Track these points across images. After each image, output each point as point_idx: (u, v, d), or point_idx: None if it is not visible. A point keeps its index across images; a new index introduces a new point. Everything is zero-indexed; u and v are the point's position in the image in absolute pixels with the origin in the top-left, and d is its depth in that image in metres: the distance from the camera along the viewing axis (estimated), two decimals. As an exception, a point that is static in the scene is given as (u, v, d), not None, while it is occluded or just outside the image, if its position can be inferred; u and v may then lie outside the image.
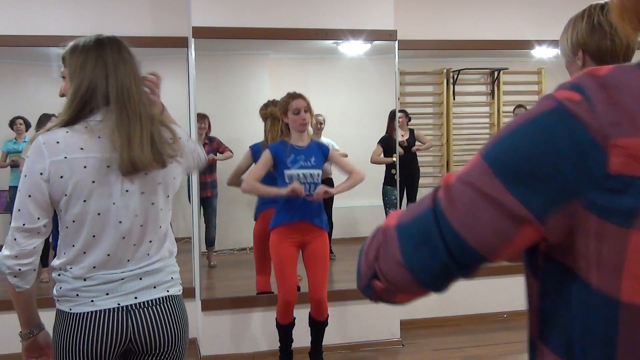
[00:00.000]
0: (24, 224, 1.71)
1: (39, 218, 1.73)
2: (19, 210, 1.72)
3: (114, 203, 1.77)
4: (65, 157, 1.71)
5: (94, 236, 1.77)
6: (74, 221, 1.77)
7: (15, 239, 1.72)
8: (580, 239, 0.76)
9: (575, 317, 0.79)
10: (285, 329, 3.80)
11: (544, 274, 0.84)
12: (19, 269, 1.74)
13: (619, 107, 0.73)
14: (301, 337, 3.87)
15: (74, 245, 1.79)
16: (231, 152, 4.84)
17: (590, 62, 1.70)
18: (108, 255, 1.79)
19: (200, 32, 4.08)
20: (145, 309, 1.82)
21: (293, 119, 3.61)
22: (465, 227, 0.78)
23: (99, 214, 1.76)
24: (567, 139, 0.73)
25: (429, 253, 0.80)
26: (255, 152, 4.00)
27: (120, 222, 1.78)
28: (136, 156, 1.71)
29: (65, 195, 1.74)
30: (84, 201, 1.75)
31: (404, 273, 0.82)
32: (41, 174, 1.71)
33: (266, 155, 3.63)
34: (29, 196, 1.71)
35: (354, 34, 4.29)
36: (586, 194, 0.74)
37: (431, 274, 0.82)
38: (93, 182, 1.74)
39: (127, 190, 1.77)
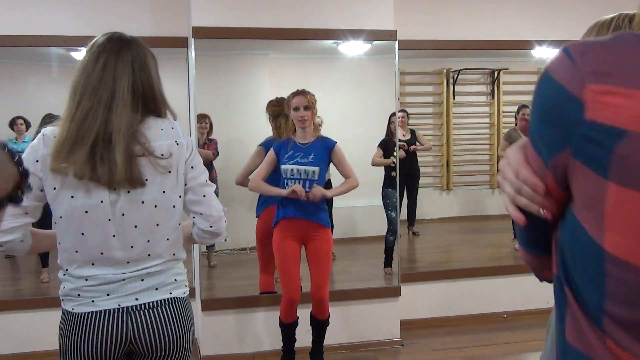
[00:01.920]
0: None
1: (27, 197, 1.73)
2: None
3: (102, 201, 1.76)
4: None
5: (82, 234, 1.77)
6: (61, 217, 1.77)
7: None
8: (572, 185, 0.84)
9: (575, 255, 0.86)
10: (288, 328, 3.80)
11: (561, 220, 0.91)
12: (2, 244, 1.77)
13: (597, 58, 0.80)
14: (302, 336, 3.87)
15: (59, 243, 1.80)
16: (213, 154, 4.82)
17: None
18: (102, 253, 1.78)
19: (200, 32, 4.08)
20: (146, 310, 1.81)
21: (293, 116, 3.67)
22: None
23: (86, 211, 1.75)
24: (552, 97, 0.83)
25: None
26: (268, 148, 4.00)
27: (109, 220, 1.77)
28: (105, 174, 1.71)
29: (55, 188, 1.75)
30: (72, 197, 1.75)
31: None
32: (37, 161, 1.75)
33: (270, 154, 3.73)
34: None
35: (354, 34, 4.29)
36: (572, 141, 0.81)
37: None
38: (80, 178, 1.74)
39: (114, 189, 1.76)
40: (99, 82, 1.74)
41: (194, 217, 1.91)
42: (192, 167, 1.87)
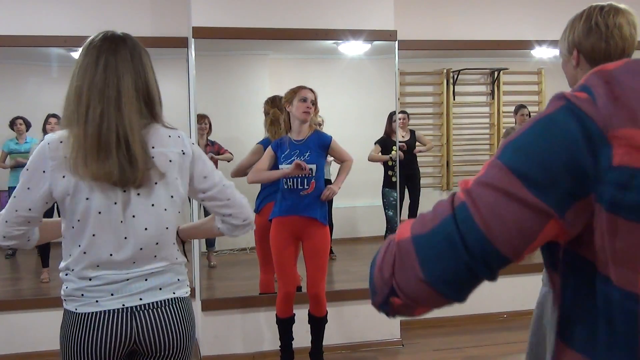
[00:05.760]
0: (16, 210, 1.76)
1: (30, 209, 1.76)
2: (14, 197, 1.77)
3: (115, 203, 1.76)
4: (65, 157, 1.73)
5: (94, 235, 1.77)
6: (79, 220, 1.77)
7: (6, 221, 1.77)
8: (596, 233, 0.76)
9: (598, 312, 0.78)
10: (285, 324, 3.80)
11: (565, 268, 0.83)
12: (7, 246, 1.82)
13: (619, 100, 0.73)
14: (302, 337, 3.87)
15: (79, 245, 1.79)
16: (231, 154, 4.85)
17: (584, 62, 1.70)
18: (110, 255, 1.78)
19: (200, 32, 4.08)
20: (150, 310, 1.81)
21: (297, 106, 3.62)
22: (490, 228, 0.76)
23: (99, 212, 1.75)
24: (579, 132, 0.74)
25: (452, 263, 0.78)
26: (266, 146, 4.02)
27: (121, 222, 1.77)
28: (122, 175, 1.71)
29: (69, 194, 1.75)
30: (87, 199, 1.75)
31: (425, 289, 0.80)
32: (44, 172, 1.74)
33: (268, 151, 3.73)
34: (28, 188, 1.75)
35: (354, 34, 4.29)
36: (597, 188, 0.74)
37: (456, 284, 0.80)
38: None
39: (124, 191, 1.76)
40: (104, 83, 1.73)
41: (223, 217, 1.94)
42: (205, 177, 1.89)
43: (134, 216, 1.78)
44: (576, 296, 0.82)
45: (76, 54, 1.84)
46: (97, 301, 1.78)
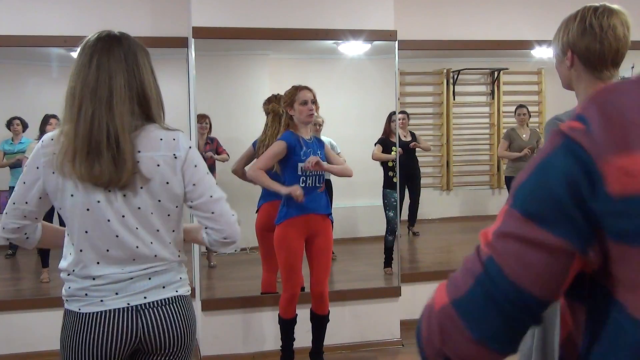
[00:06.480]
0: (14, 203, 1.81)
1: (27, 202, 1.80)
2: (14, 191, 1.83)
3: (98, 201, 1.75)
4: (55, 154, 1.74)
5: (86, 232, 1.77)
6: (68, 217, 1.78)
7: (6, 213, 1.82)
8: (611, 264, 0.75)
9: (612, 343, 0.77)
10: (288, 325, 3.80)
11: (591, 299, 0.82)
12: (7, 239, 1.87)
13: (612, 124, 0.72)
14: (302, 337, 3.87)
15: (74, 244, 1.80)
16: (228, 155, 4.84)
17: (579, 63, 1.70)
18: (107, 250, 1.78)
19: (200, 32, 4.08)
20: (154, 308, 1.81)
21: (300, 110, 3.59)
22: (522, 278, 0.77)
23: (87, 209, 1.75)
24: (576, 169, 0.73)
25: (499, 319, 0.79)
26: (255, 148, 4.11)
27: (108, 220, 1.76)
28: (95, 175, 1.71)
29: (59, 190, 1.76)
30: (72, 195, 1.75)
31: (479, 349, 0.81)
32: (37, 167, 1.78)
33: (280, 145, 3.60)
34: (24, 183, 1.80)
35: (354, 34, 4.29)
36: (602, 219, 0.73)
37: (507, 338, 0.80)
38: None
39: (109, 190, 1.75)
40: (96, 82, 1.73)
41: (206, 228, 1.87)
42: (194, 185, 1.81)
43: (123, 216, 1.77)
44: (601, 328, 0.80)
45: (76, 54, 1.84)
46: (102, 300, 1.78)
